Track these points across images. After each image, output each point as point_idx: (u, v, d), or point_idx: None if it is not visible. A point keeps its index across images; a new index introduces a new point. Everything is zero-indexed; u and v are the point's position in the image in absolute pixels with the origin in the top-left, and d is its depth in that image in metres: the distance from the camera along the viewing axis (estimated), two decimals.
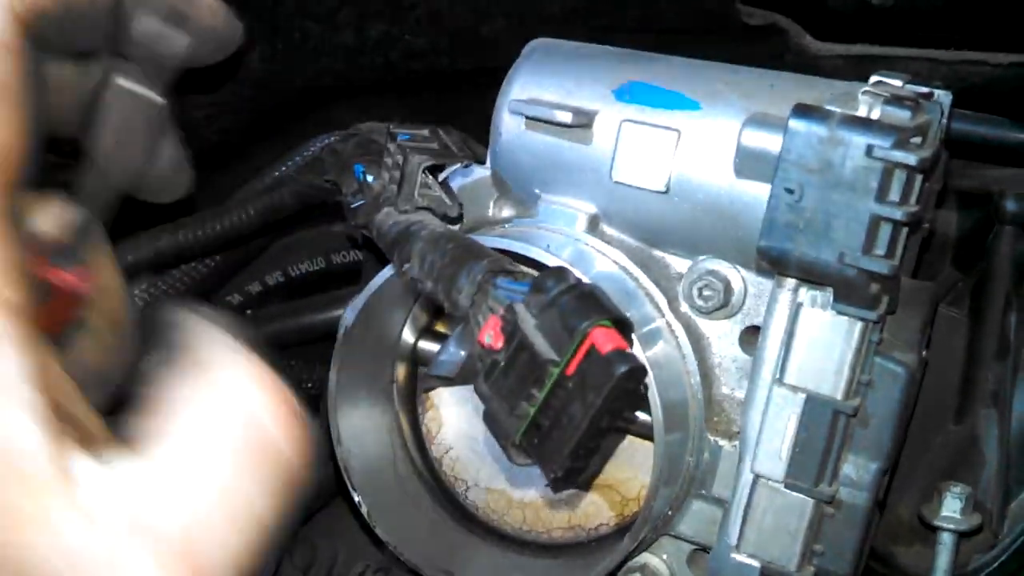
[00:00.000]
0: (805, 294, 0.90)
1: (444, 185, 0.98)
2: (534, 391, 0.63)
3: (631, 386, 0.63)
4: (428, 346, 1.17)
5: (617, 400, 0.63)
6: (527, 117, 1.03)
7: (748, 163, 0.93)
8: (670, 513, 1.00)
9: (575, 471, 0.65)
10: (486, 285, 0.69)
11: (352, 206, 0.99)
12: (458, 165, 1.04)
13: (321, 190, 1.21)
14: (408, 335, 1.17)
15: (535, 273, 0.68)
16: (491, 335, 0.66)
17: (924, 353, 0.95)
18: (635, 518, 1.05)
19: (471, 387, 1.15)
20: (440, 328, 1.19)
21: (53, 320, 0.66)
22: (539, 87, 1.04)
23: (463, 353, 0.67)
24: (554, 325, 0.64)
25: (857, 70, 1.19)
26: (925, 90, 0.91)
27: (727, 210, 0.95)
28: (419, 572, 1.08)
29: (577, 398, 0.63)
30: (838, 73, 1.07)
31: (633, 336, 0.67)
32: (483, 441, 1.15)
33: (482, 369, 0.66)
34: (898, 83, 0.91)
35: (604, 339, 0.63)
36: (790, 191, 0.86)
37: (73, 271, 0.69)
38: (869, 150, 0.83)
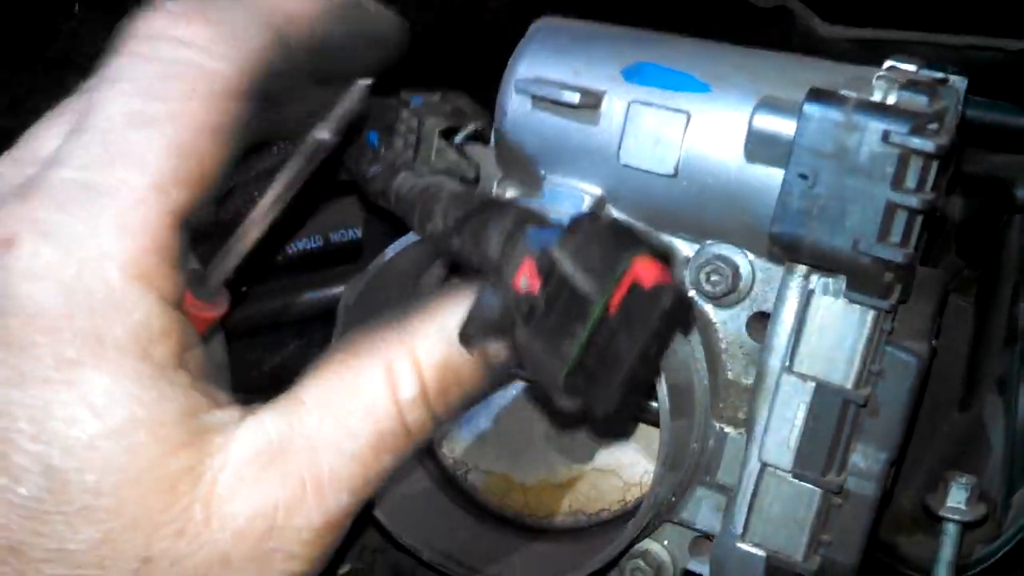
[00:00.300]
0: (816, 281, 0.89)
1: (460, 147, 0.96)
2: (577, 329, 0.62)
3: (679, 315, 0.62)
4: None
5: (664, 330, 0.62)
6: (533, 97, 1.01)
7: (759, 147, 0.91)
8: (674, 500, 0.99)
9: (624, 408, 0.63)
10: (517, 233, 0.67)
11: (367, 175, 0.97)
12: (472, 127, 1.02)
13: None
14: None
15: (564, 221, 0.66)
16: (527, 279, 0.64)
17: (934, 342, 0.95)
18: (637, 504, 1.04)
19: None
20: None
21: None
22: (545, 66, 1.02)
23: (497, 304, 0.64)
24: (593, 261, 0.62)
25: (865, 54, 1.17)
26: (940, 75, 0.90)
27: (736, 194, 0.93)
28: (418, 555, 1.07)
29: (623, 332, 0.61)
30: (846, 56, 1.05)
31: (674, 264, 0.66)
32: (485, 423, 1.14)
33: (520, 316, 0.63)
34: (912, 68, 0.89)
35: (646, 271, 0.61)
36: (804, 176, 0.85)
37: (206, 301, 0.72)
38: (885, 136, 0.82)
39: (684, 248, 1.00)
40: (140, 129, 0.59)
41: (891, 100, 0.86)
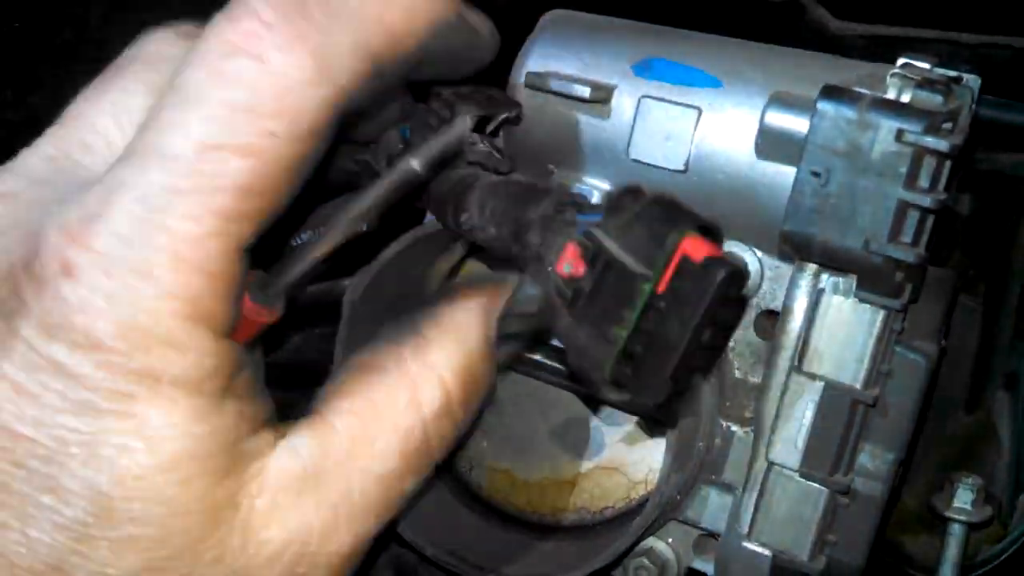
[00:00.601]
0: (826, 280, 0.89)
1: (492, 138, 0.94)
2: (625, 313, 0.58)
3: (732, 293, 0.58)
4: None
5: (718, 310, 0.58)
6: (542, 91, 1.00)
7: (770, 144, 0.90)
8: (679, 498, 0.99)
9: (675, 397, 0.60)
10: (557, 217, 0.64)
11: None
12: (505, 115, 1.00)
13: (347, 173, 1.16)
14: None
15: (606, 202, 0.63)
16: (571, 263, 0.60)
17: (943, 342, 0.94)
18: (642, 502, 1.04)
19: None
20: None
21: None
22: (555, 60, 1.02)
23: (538, 295, 0.62)
24: (640, 240, 0.58)
25: (877, 50, 1.17)
26: (954, 74, 0.89)
27: (747, 192, 0.93)
28: (421, 551, 1.07)
29: (673, 314, 0.57)
30: (857, 53, 1.04)
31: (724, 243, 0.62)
32: (490, 418, 1.13)
33: (564, 302, 0.60)
34: (926, 66, 0.89)
35: (696, 248, 0.58)
36: (816, 174, 0.84)
37: (264, 306, 0.70)
38: (899, 135, 0.81)
39: None
40: (211, 163, 0.56)
41: (906, 98, 0.85)
